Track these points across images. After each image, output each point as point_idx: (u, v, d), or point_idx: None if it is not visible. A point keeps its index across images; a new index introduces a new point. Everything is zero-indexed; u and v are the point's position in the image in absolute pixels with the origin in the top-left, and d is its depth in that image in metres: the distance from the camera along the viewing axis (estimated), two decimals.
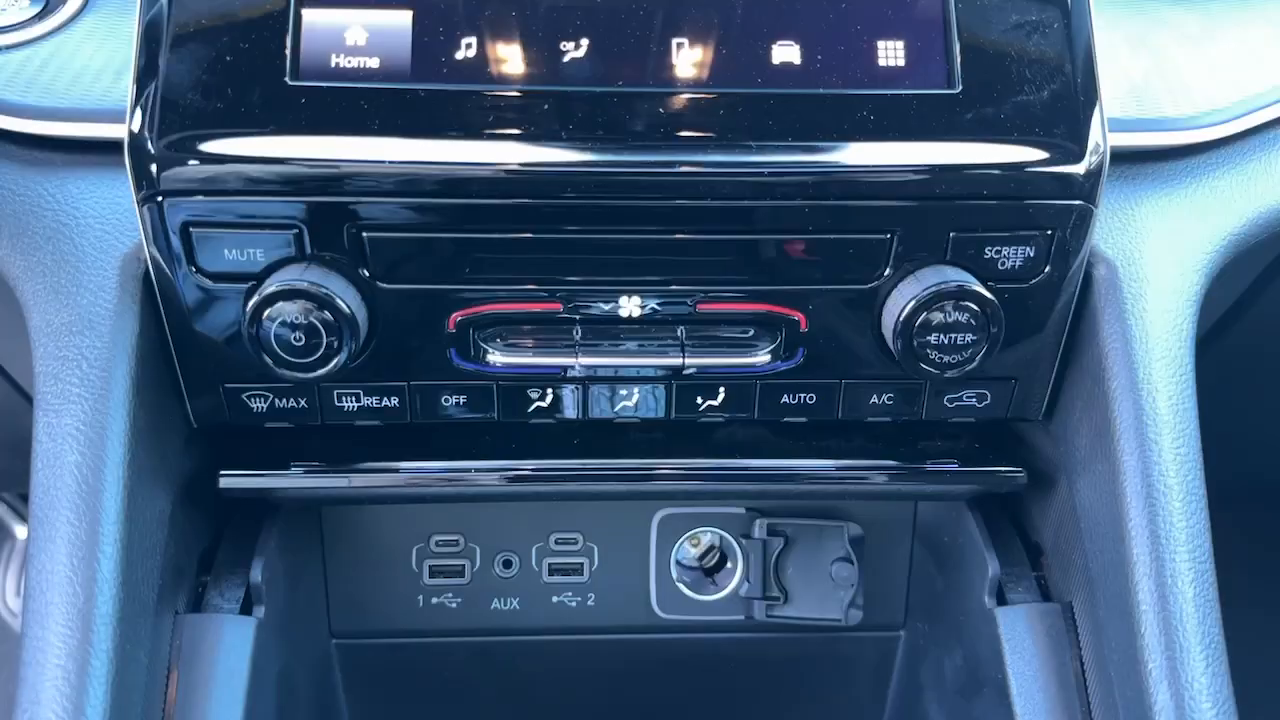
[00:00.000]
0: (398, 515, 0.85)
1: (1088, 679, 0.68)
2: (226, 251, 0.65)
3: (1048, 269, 0.67)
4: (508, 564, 0.88)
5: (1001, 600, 0.74)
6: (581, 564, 0.88)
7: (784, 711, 0.93)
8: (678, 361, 0.67)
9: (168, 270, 0.66)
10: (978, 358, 0.68)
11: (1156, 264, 0.72)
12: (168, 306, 0.68)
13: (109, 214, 0.69)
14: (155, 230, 0.65)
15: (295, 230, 0.64)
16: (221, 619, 0.69)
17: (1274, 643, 1.26)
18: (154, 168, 0.63)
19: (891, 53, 0.67)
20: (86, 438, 0.62)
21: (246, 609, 0.71)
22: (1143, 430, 0.66)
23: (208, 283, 0.65)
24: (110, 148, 0.68)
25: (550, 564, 0.87)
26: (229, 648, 0.67)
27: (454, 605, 0.87)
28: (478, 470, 0.73)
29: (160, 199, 0.64)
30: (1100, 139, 0.65)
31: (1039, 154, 0.64)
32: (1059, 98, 0.65)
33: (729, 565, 0.88)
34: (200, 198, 0.64)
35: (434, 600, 0.87)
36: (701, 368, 0.68)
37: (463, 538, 0.86)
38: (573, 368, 0.67)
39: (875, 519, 0.87)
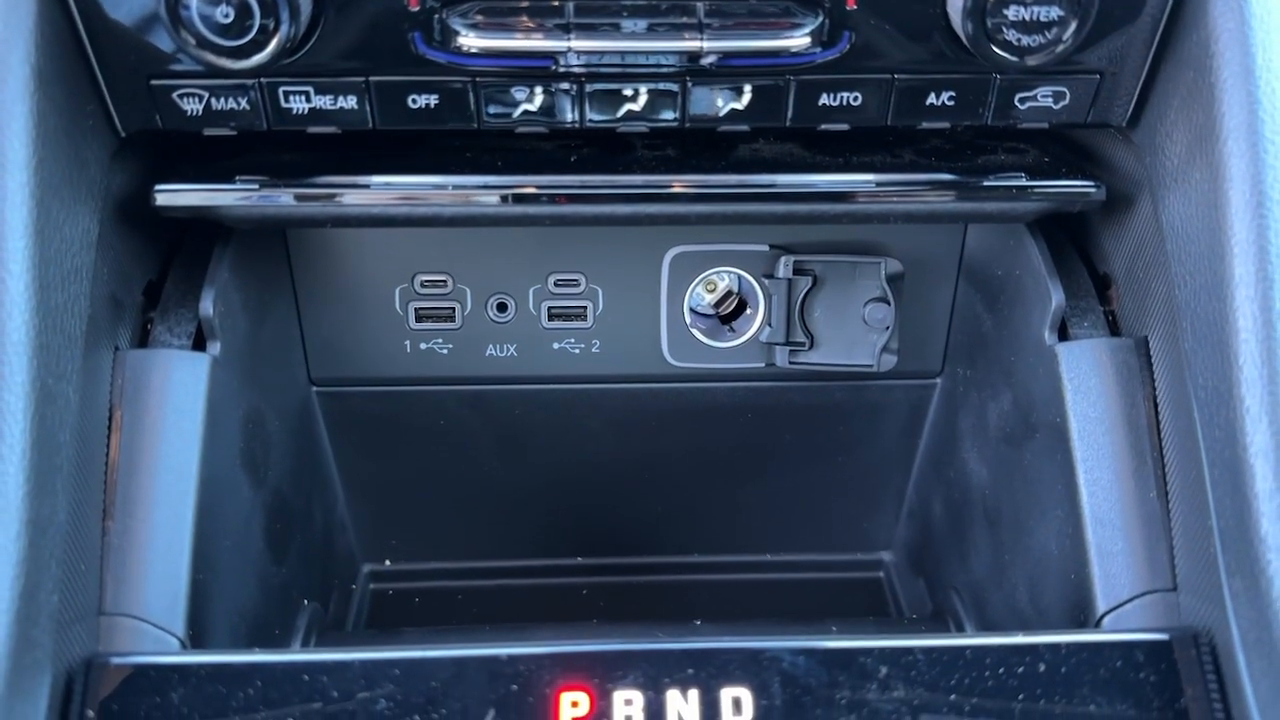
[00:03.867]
0: (376, 251, 0.75)
1: (1161, 421, 0.60)
2: None
3: None
4: (502, 307, 0.79)
5: (1064, 336, 0.66)
6: (585, 308, 0.79)
7: (805, 465, 0.87)
8: (695, 45, 0.55)
9: None
10: (1064, 40, 0.56)
11: None
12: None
13: None
14: None
15: None
16: (170, 354, 0.61)
17: None
18: None
19: None
20: None
21: (200, 345, 0.63)
22: (1256, 127, 0.55)
23: None
24: None
25: (550, 308, 0.78)
26: (179, 385, 0.59)
27: (445, 352, 0.79)
28: (458, 186, 0.62)
29: None
30: None
31: None
32: None
33: (748, 311, 0.80)
34: None
35: (422, 346, 0.79)
36: (724, 55, 0.56)
37: (451, 278, 0.77)
38: (565, 54, 0.55)
39: (915, 254, 0.77)
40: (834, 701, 0.48)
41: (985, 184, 0.64)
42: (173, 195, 0.61)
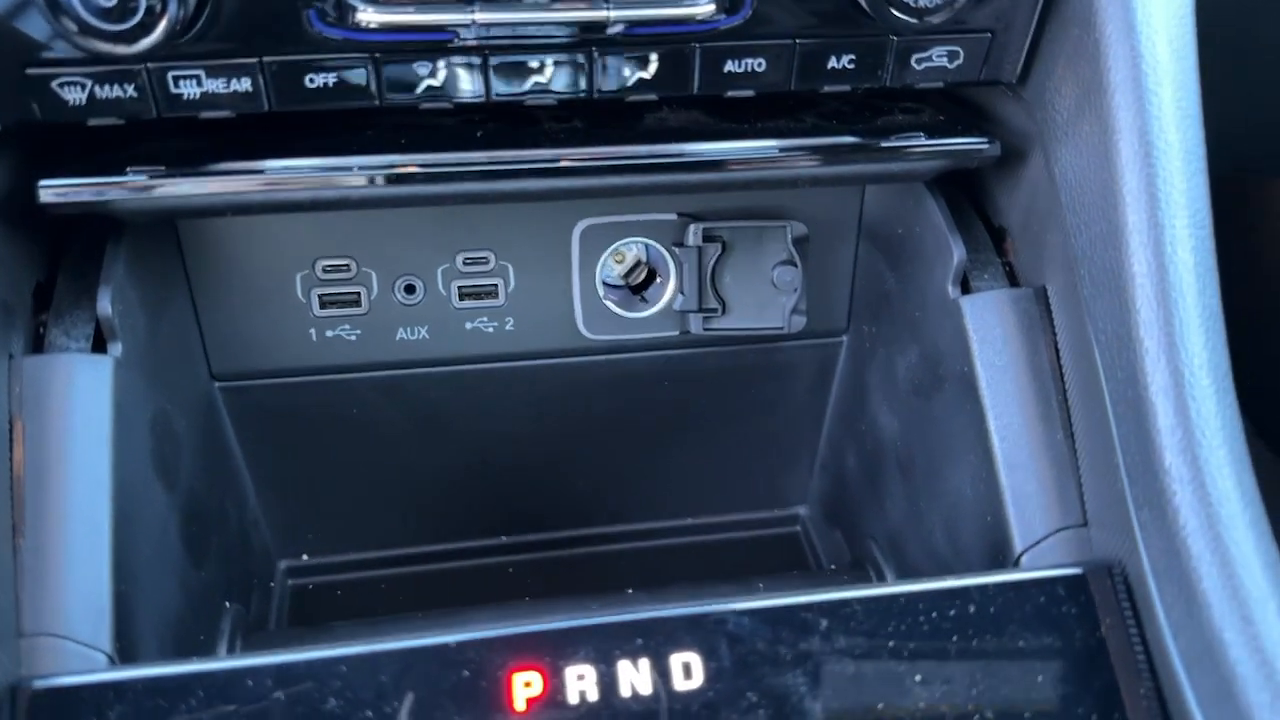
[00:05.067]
0: (273, 237, 0.72)
1: (1064, 366, 0.63)
2: None
3: None
4: (410, 289, 0.77)
5: (966, 289, 0.68)
6: (495, 285, 0.78)
7: (720, 428, 0.88)
8: (602, 15, 0.55)
9: None
10: (958, 2, 0.58)
11: None
12: None
13: None
14: None
15: None
16: (70, 358, 0.57)
17: None
18: None
19: None
20: None
21: (100, 347, 0.60)
22: (1140, 80, 0.58)
23: None
24: None
25: (460, 287, 0.77)
26: (84, 390, 0.56)
27: (353, 338, 0.77)
28: (362, 168, 0.60)
29: None
30: None
31: None
32: None
33: (659, 280, 0.80)
34: None
35: (329, 334, 0.77)
36: (630, 23, 0.56)
37: (354, 262, 0.75)
38: (468, 26, 0.54)
39: (818, 216, 0.78)
40: (780, 658, 0.50)
41: (885, 145, 0.66)
42: (58, 191, 0.57)
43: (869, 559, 0.79)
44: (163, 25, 0.51)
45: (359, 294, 0.77)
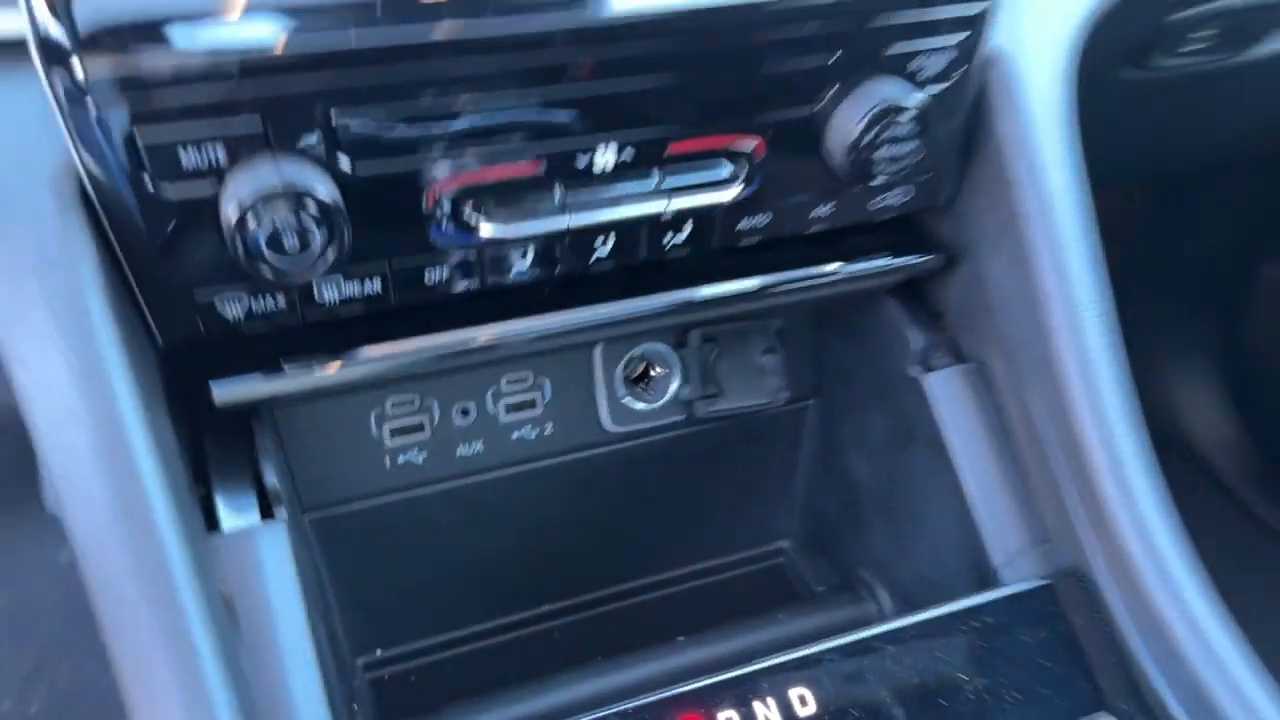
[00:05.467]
0: (352, 386, 0.85)
1: (1012, 423, 0.82)
2: (181, 152, 0.60)
3: (964, 68, 0.74)
4: (465, 412, 0.90)
5: (924, 366, 0.87)
6: (535, 398, 0.92)
7: (716, 484, 1.06)
8: (662, 206, 0.70)
9: (110, 183, 0.60)
10: (912, 164, 0.76)
11: (1033, 52, 0.81)
12: (117, 224, 0.62)
13: (14, 127, 0.60)
14: (87, 138, 0.58)
15: (257, 119, 0.59)
16: (258, 532, 0.68)
17: None
18: (76, 62, 0.55)
19: None
20: (93, 393, 0.58)
21: (266, 513, 0.71)
22: (1047, 208, 0.78)
23: (164, 189, 0.60)
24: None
25: (506, 404, 0.91)
26: (277, 561, 0.67)
27: (420, 460, 0.90)
28: (482, 338, 0.74)
29: (89, 100, 0.57)
30: None
31: None
32: None
33: (661, 371, 0.96)
34: (140, 92, 0.57)
35: (400, 459, 0.89)
36: (680, 210, 0.72)
37: (419, 396, 0.88)
38: (563, 232, 0.68)
39: (792, 310, 0.96)
40: (863, 677, 0.66)
41: (854, 274, 0.85)
42: (230, 391, 0.68)
43: (861, 583, 0.98)
44: (332, 255, 0.62)
45: (423, 422, 0.89)
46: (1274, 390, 2.04)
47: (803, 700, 0.64)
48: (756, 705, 0.64)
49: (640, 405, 0.96)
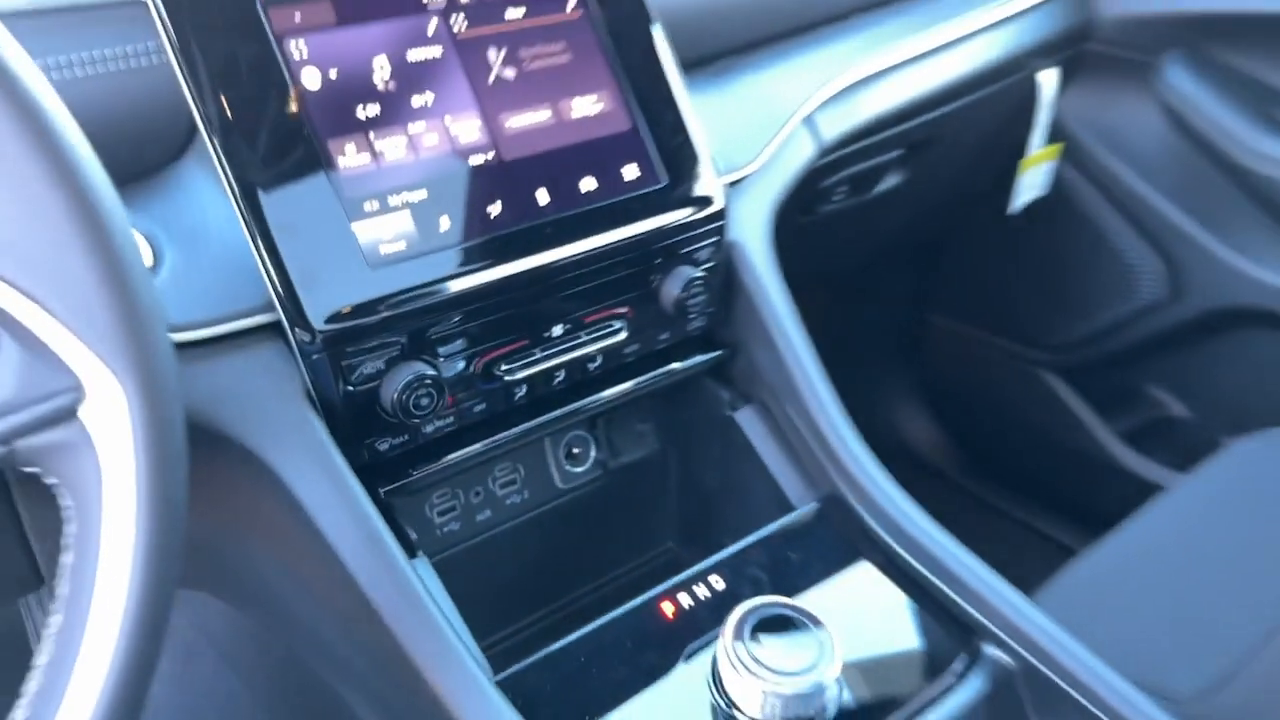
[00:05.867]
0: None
1: (782, 434, 1.46)
2: (364, 368, 1.14)
3: (719, 252, 1.40)
4: (477, 494, 1.45)
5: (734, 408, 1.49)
6: (515, 476, 1.48)
7: (624, 512, 1.61)
8: (589, 349, 1.30)
9: (323, 388, 1.12)
10: (705, 302, 1.40)
11: (748, 231, 1.48)
12: (328, 409, 1.14)
13: (269, 373, 1.12)
14: (320, 372, 1.11)
15: (402, 343, 1.14)
16: (419, 563, 1.09)
17: None
18: (318, 340, 1.09)
19: (633, 172, 1.33)
20: (343, 490, 1.09)
21: (412, 554, 1.21)
22: (774, 312, 1.43)
23: (352, 388, 1.13)
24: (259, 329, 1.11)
25: (500, 482, 1.47)
26: (429, 578, 1.11)
27: (457, 527, 1.43)
28: (513, 432, 1.25)
29: (313, 353, 1.10)
30: (720, 191, 1.38)
31: (712, 208, 1.36)
32: (697, 177, 1.36)
33: (582, 448, 1.54)
34: (339, 346, 1.11)
35: (443, 530, 1.42)
36: (596, 349, 1.32)
37: (450, 488, 1.42)
38: (537, 371, 1.26)
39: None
40: (739, 572, 1.26)
41: (687, 365, 1.37)
42: (397, 490, 1.20)
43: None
44: (438, 407, 1.17)
45: (455, 505, 1.43)
46: (954, 400, 2.84)
47: (717, 583, 1.23)
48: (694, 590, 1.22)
49: (575, 469, 1.55)
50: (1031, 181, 2.23)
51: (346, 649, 1.20)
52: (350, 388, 1.06)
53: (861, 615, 1.17)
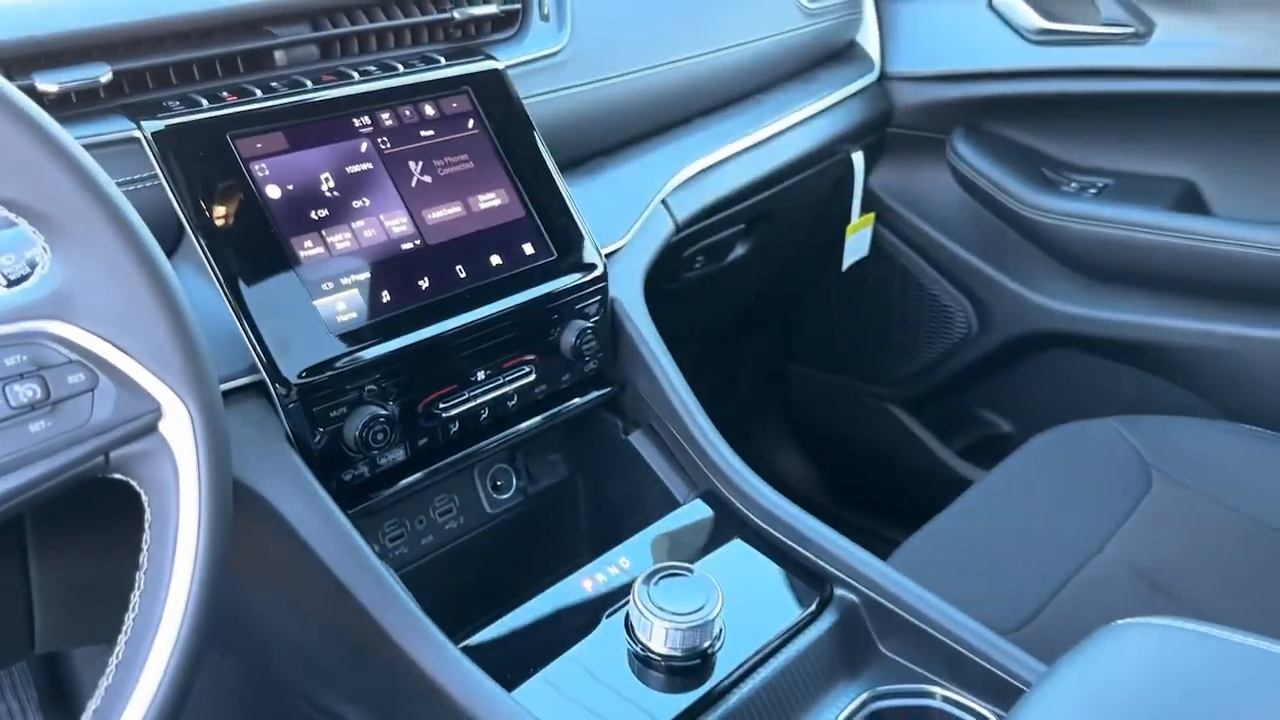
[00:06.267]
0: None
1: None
2: (331, 412, 1.42)
3: (603, 307, 1.73)
4: (421, 521, 1.73)
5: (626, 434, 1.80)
6: (452, 505, 1.77)
7: (546, 531, 1.88)
8: (506, 389, 1.62)
9: (300, 430, 1.40)
10: (596, 348, 1.74)
11: (625, 289, 1.83)
12: (304, 448, 1.41)
13: (255, 422, 1.40)
14: (296, 419, 1.39)
15: (360, 391, 1.43)
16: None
17: None
18: (293, 392, 1.38)
19: (530, 249, 1.68)
20: (318, 507, 1.36)
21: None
22: (660, 362, 1.75)
23: (322, 429, 1.42)
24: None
25: (439, 511, 1.75)
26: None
27: (405, 551, 1.71)
28: (450, 460, 1.55)
29: (289, 403, 1.39)
30: (600, 259, 1.73)
31: (595, 273, 1.71)
32: (582, 250, 1.72)
33: (504, 479, 1.84)
34: (311, 395, 1.40)
35: (395, 554, 1.70)
36: (511, 389, 1.64)
37: (398, 516, 1.69)
38: (465, 409, 1.57)
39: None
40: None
41: (586, 399, 1.70)
42: (360, 511, 1.49)
43: None
44: (391, 440, 1.47)
45: (403, 531, 1.71)
46: (819, 437, 3.22)
47: (624, 563, 1.55)
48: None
49: (501, 497, 1.85)
50: (856, 245, 2.68)
51: (327, 651, 1.46)
52: (320, 429, 1.35)
53: (737, 575, 1.48)
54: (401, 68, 1.43)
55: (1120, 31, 2.03)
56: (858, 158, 2.32)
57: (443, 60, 1.48)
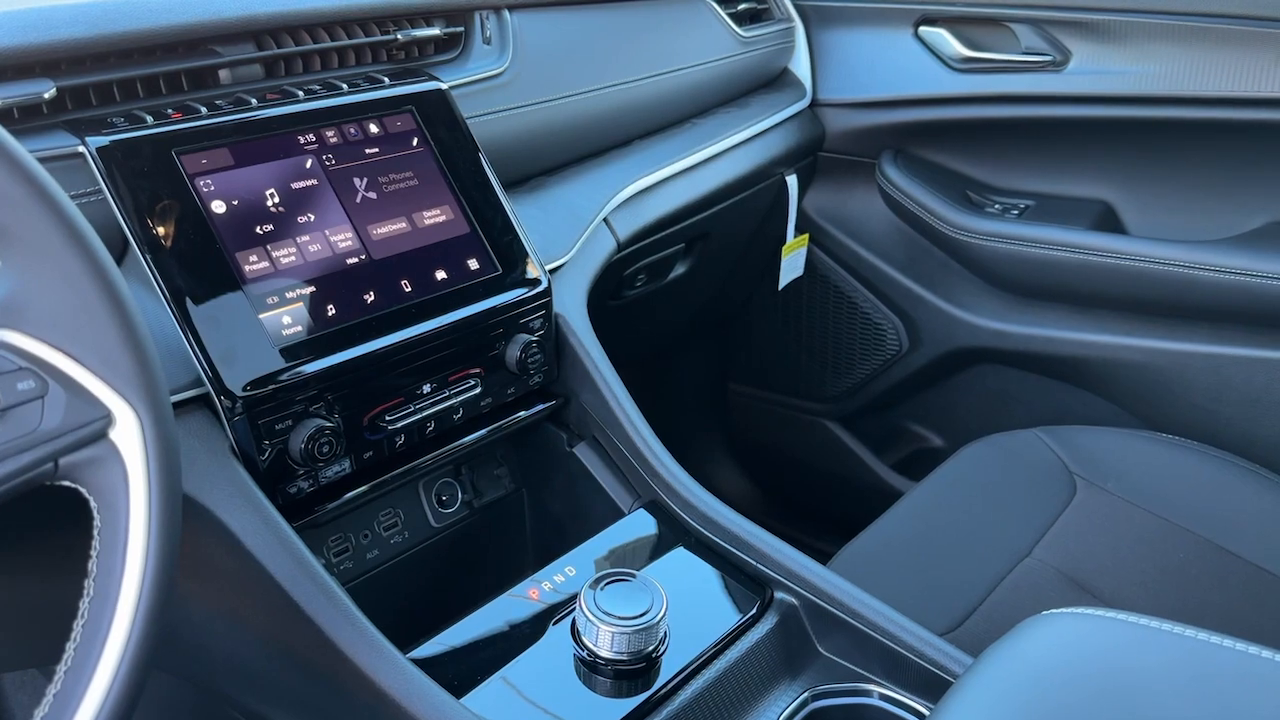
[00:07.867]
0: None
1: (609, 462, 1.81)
2: (276, 425, 1.43)
3: (548, 321, 1.77)
4: (366, 536, 1.73)
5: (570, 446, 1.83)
6: (396, 519, 1.78)
7: (494, 544, 1.92)
8: (452, 401, 1.64)
9: (246, 445, 1.41)
10: (541, 361, 1.77)
11: (569, 306, 1.88)
12: (249, 461, 1.42)
13: (200, 435, 1.40)
14: (241, 431, 1.40)
15: (305, 404, 1.45)
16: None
17: None
18: (238, 405, 1.39)
19: (475, 264, 1.71)
20: (265, 518, 1.37)
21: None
22: (604, 375, 1.80)
23: (267, 442, 1.43)
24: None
25: (384, 525, 1.76)
26: None
27: (350, 565, 1.71)
28: (396, 472, 1.58)
29: (235, 415, 1.40)
30: (544, 275, 1.77)
31: (539, 288, 1.74)
32: (525, 266, 1.76)
33: (450, 494, 1.86)
34: (255, 409, 1.41)
35: (341, 568, 1.70)
36: (458, 401, 1.66)
37: (342, 532, 1.70)
38: (414, 420, 1.60)
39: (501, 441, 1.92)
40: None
41: (530, 412, 1.77)
42: (308, 524, 1.49)
43: None
44: (336, 454, 1.48)
45: (348, 546, 1.71)
46: (758, 454, 3.28)
47: (570, 571, 1.58)
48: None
49: (446, 510, 1.86)
50: (791, 265, 2.75)
51: (273, 664, 1.46)
52: (265, 441, 1.35)
53: (681, 580, 1.52)
54: (346, 87, 1.46)
55: (1039, 60, 2.14)
56: (792, 181, 2.40)
57: (387, 80, 1.51)
